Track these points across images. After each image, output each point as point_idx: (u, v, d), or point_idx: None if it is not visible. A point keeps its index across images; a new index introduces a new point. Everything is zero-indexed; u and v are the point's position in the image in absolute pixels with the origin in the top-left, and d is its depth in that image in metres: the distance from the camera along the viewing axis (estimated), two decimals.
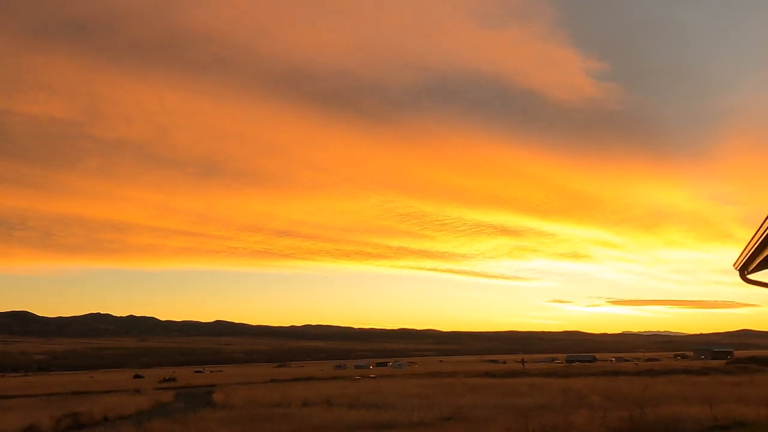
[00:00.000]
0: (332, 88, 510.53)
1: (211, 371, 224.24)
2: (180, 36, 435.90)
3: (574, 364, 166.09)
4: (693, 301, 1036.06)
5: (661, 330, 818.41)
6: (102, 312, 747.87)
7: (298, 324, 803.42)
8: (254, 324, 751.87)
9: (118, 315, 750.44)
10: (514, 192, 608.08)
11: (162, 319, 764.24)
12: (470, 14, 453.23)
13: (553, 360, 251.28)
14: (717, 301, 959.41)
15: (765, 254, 11.08)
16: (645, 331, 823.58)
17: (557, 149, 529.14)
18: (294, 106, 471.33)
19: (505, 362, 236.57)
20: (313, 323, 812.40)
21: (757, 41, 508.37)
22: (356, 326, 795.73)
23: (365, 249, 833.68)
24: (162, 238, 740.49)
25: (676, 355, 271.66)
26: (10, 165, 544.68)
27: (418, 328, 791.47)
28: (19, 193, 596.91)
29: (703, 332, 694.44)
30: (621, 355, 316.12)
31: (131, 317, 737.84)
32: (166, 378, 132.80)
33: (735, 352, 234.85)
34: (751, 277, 13.22)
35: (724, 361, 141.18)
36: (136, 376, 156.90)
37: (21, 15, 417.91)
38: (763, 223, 9.85)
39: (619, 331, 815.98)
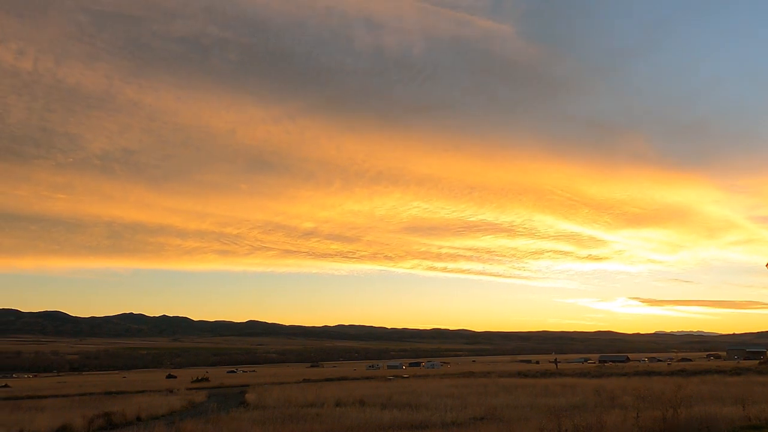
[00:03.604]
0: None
1: (243, 371, 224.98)
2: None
3: (607, 364, 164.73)
4: (726, 301, 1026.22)
5: (694, 330, 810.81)
6: (135, 312, 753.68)
7: (331, 324, 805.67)
8: (287, 324, 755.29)
9: (151, 315, 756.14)
10: (572, 208, 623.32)
11: (195, 319, 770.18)
12: None
13: (586, 360, 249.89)
14: (749, 301, 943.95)
15: None
16: (678, 331, 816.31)
17: (623, 179, 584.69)
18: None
19: (537, 362, 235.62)
20: (346, 323, 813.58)
21: None
22: (389, 326, 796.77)
23: (397, 251, 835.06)
24: (195, 240, 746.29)
25: (708, 355, 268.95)
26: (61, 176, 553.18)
27: (450, 328, 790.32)
28: (52, 196, 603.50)
29: (736, 332, 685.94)
30: (654, 355, 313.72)
31: (164, 317, 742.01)
32: (199, 378, 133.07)
33: None
34: None
35: (756, 362, 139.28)
36: (169, 377, 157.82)
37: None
38: None
39: (652, 332, 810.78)
